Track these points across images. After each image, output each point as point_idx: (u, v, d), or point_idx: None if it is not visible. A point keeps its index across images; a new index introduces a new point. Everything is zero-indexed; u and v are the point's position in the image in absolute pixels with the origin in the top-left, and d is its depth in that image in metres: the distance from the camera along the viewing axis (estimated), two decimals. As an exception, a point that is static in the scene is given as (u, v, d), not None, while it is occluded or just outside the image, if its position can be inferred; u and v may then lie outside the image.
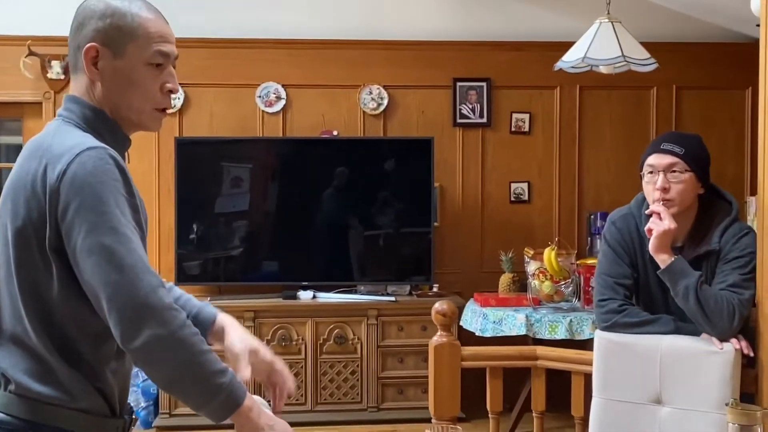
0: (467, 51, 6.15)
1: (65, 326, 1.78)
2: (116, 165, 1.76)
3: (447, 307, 3.11)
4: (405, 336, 5.67)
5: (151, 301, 1.69)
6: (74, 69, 1.90)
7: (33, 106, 5.92)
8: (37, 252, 1.75)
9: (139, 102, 1.89)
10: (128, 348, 1.69)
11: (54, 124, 1.89)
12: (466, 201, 6.20)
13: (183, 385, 1.73)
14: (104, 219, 1.70)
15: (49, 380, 1.77)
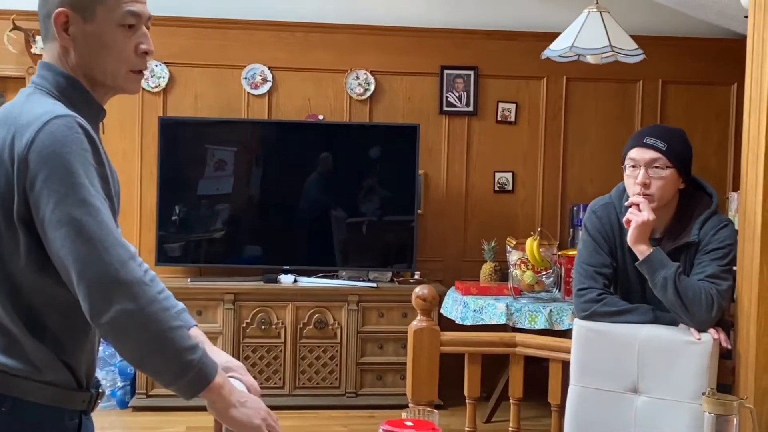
0: (456, 39, 6.13)
1: (32, 298, 1.75)
2: (85, 134, 1.73)
3: (428, 292, 3.10)
4: (385, 322, 5.66)
5: (121, 275, 1.66)
6: (45, 37, 1.87)
7: (16, 81, 5.85)
8: (4, 222, 1.72)
9: (114, 65, 1.85)
10: (97, 323, 1.67)
11: (26, 91, 1.86)
12: (451, 189, 6.19)
13: (152, 361, 1.71)
14: (73, 190, 1.67)
15: (15, 353, 1.75)
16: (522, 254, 5.11)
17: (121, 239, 1.72)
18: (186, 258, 5.84)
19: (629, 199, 2.82)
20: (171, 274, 5.77)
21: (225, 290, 5.55)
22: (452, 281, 5.70)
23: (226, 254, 5.90)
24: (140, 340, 1.68)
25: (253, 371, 5.46)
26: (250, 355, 5.54)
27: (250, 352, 5.54)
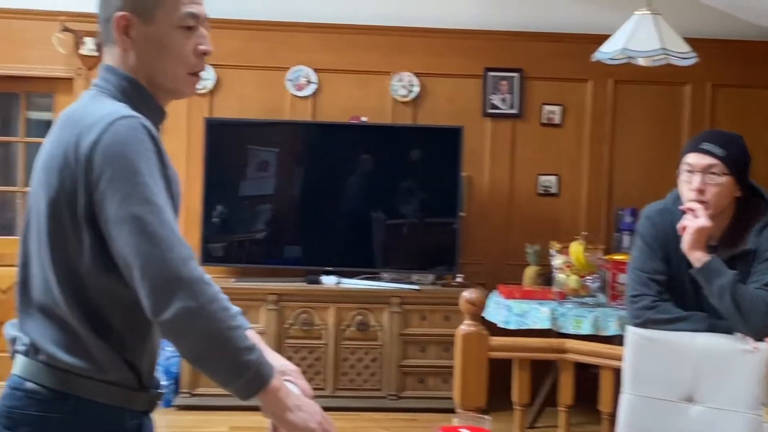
0: (500, 41, 6.10)
1: (96, 297, 1.76)
2: (149, 134, 1.74)
3: (476, 296, 3.08)
4: (427, 325, 5.64)
5: (183, 273, 1.67)
6: (106, 40, 1.88)
7: (65, 81, 5.92)
8: (70, 222, 1.74)
9: (173, 66, 1.87)
10: (158, 320, 1.67)
11: (89, 93, 1.87)
12: (494, 192, 6.16)
13: (210, 360, 1.71)
14: (137, 189, 1.68)
15: (79, 351, 1.76)
16: (567, 258, 5.07)
17: (182, 238, 1.72)
18: (229, 258, 5.87)
19: (685, 205, 2.78)
20: (214, 274, 5.75)
21: (268, 291, 5.56)
22: (494, 284, 5.67)
23: (269, 255, 5.92)
24: (199, 338, 1.68)
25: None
26: (293, 356, 5.54)
27: (292, 352, 5.55)
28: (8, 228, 6.33)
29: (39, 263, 1.80)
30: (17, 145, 6.23)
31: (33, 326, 1.80)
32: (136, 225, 1.67)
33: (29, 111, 6.22)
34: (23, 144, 6.17)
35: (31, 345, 1.79)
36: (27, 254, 1.84)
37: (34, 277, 1.82)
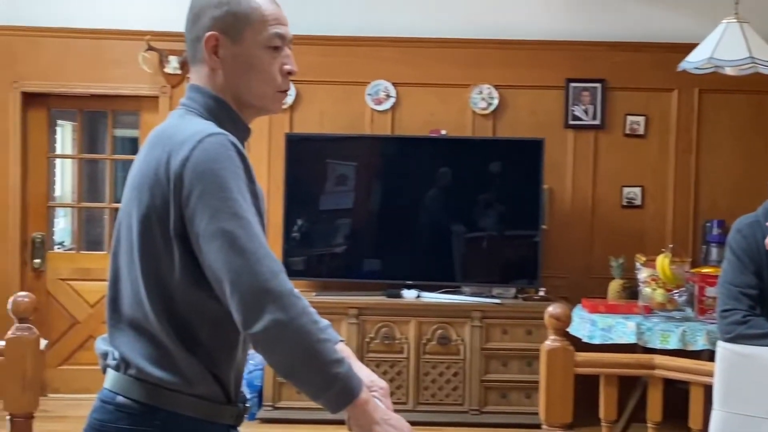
0: (581, 51, 6.03)
1: (185, 312, 1.79)
2: (237, 151, 1.77)
3: (561, 311, 3.03)
4: (509, 339, 5.58)
5: (272, 285, 1.68)
6: (193, 60, 1.92)
7: (150, 99, 6.06)
8: (161, 238, 1.77)
9: (261, 86, 1.90)
10: (248, 332, 1.69)
11: (177, 113, 1.91)
12: (576, 204, 6.08)
13: (300, 372, 1.72)
14: (227, 204, 1.71)
15: (168, 365, 1.78)
16: (652, 271, 4.97)
17: (272, 253, 1.74)
18: (309, 272, 5.91)
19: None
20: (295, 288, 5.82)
21: (349, 305, 5.58)
22: (578, 298, 5.59)
23: (349, 268, 5.94)
24: (289, 350, 1.69)
25: (377, 386, 5.47)
26: (374, 370, 5.50)
27: (373, 366, 5.54)
28: (97, 243, 6.49)
29: (129, 279, 1.83)
30: (104, 162, 6.39)
31: (123, 341, 1.83)
32: (226, 239, 1.69)
33: (116, 129, 6.37)
34: (110, 161, 6.32)
35: (121, 359, 1.82)
36: (117, 270, 1.88)
37: (124, 293, 1.85)
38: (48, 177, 6.25)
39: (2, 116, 5.99)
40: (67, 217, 6.72)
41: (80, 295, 6.17)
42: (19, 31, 5.94)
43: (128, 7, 5.98)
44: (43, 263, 6.17)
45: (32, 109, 6.13)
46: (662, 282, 4.93)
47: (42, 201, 6.20)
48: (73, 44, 5.98)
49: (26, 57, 5.98)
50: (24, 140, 6.08)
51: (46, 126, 6.21)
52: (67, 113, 6.41)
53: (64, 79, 6.00)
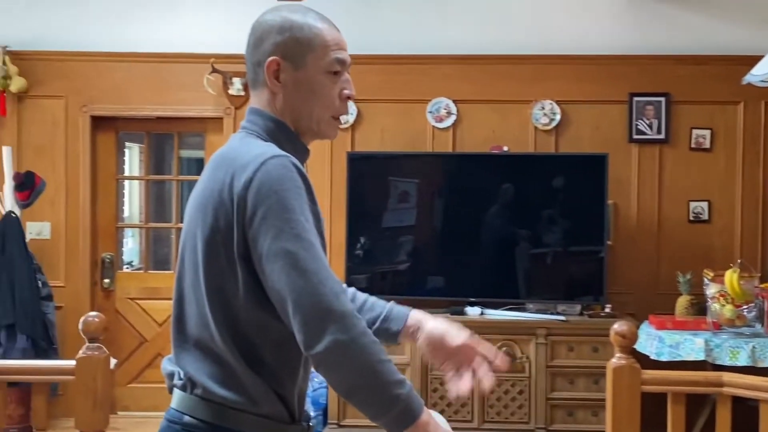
0: (644, 65, 5.97)
1: (249, 332, 1.81)
2: (299, 173, 1.79)
3: (627, 329, 3.00)
4: (575, 356, 5.52)
5: (334, 306, 1.69)
6: (254, 83, 1.95)
7: (215, 121, 6.16)
8: (225, 259, 1.79)
9: (320, 110, 1.92)
10: (310, 353, 1.70)
11: (238, 135, 1.94)
12: (641, 220, 6.00)
13: (361, 392, 1.72)
14: (289, 226, 1.72)
15: (233, 385, 1.81)
16: (721, 287, 4.88)
17: (333, 273, 1.75)
18: (372, 289, 5.84)
19: None
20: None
21: (412, 322, 5.55)
22: (645, 315, 5.52)
23: (412, 286, 5.94)
24: (350, 371, 1.70)
25: (442, 404, 5.46)
26: (438, 388, 5.53)
27: (438, 384, 5.53)
28: (164, 263, 6.60)
29: (194, 299, 1.86)
30: (171, 183, 6.50)
31: (189, 360, 1.86)
32: (289, 260, 1.71)
33: (181, 150, 6.49)
34: (176, 182, 6.44)
35: (187, 379, 1.85)
36: (182, 290, 1.91)
37: (189, 313, 1.88)
38: (117, 198, 6.38)
39: (73, 139, 6.14)
40: (135, 238, 6.85)
41: (148, 314, 6.28)
42: (88, 56, 6.09)
43: (193, 30, 6.09)
44: (112, 283, 6.29)
45: (101, 132, 6.27)
46: (731, 298, 4.84)
47: (111, 222, 6.34)
48: (140, 68, 6.11)
49: (95, 82, 6.13)
50: (93, 163, 6.23)
51: (115, 148, 6.35)
52: (134, 135, 6.55)
53: (131, 103, 6.14)
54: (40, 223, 6.08)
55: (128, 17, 6.11)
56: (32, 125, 6.14)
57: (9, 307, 5.47)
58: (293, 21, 1.90)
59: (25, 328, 5.50)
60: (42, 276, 5.78)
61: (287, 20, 1.90)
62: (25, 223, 5.84)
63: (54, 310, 5.76)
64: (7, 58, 5.97)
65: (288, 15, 1.91)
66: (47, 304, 5.70)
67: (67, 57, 6.10)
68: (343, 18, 2.56)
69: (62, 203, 6.14)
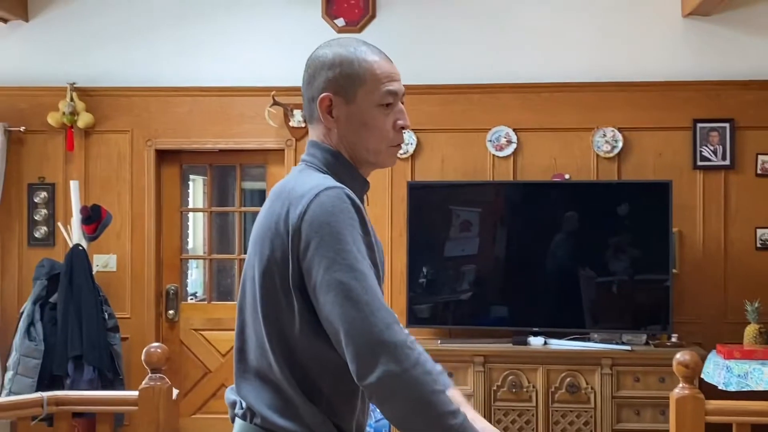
0: (708, 90, 5.89)
1: (307, 362, 1.82)
2: (353, 204, 1.80)
3: (690, 358, 2.94)
4: (642, 387, 5.42)
5: (386, 337, 1.70)
6: (311, 118, 1.99)
7: (276, 153, 6.23)
8: (281, 290, 1.81)
9: (375, 142, 1.94)
10: (363, 383, 1.70)
11: (298, 168, 1.97)
12: (708, 247, 5.89)
13: (414, 423, 1.71)
14: (342, 256, 1.74)
15: (291, 415, 1.82)
16: (791, 315, 4.77)
17: (386, 304, 1.76)
18: (435, 319, 5.90)
19: None
20: (420, 336, 5.85)
21: (475, 352, 5.54)
22: (712, 344, 5.41)
23: (474, 315, 5.90)
24: (404, 402, 1.69)
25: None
26: (502, 419, 5.47)
27: (501, 415, 5.48)
28: (227, 294, 6.67)
29: (254, 329, 1.89)
30: (234, 214, 6.58)
31: (249, 390, 1.88)
32: (341, 290, 1.71)
33: (244, 182, 6.57)
34: (239, 213, 6.51)
35: (247, 408, 1.87)
36: (243, 321, 1.94)
37: (250, 343, 1.90)
38: (181, 230, 6.48)
39: (138, 173, 6.26)
40: (199, 269, 6.93)
41: (212, 345, 6.34)
42: (152, 91, 6.23)
43: (254, 64, 6.18)
44: (176, 314, 6.37)
45: (166, 166, 6.39)
46: (802, 326, 4.72)
47: (176, 253, 6.43)
48: (203, 102, 6.23)
49: (159, 116, 6.26)
50: (158, 195, 6.34)
51: (179, 181, 6.45)
52: (198, 168, 6.66)
53: (194, 136, 6.25)
54: (107, 256, 6.21)
55: (190, 52, 6.24)
56: (99, 159, 6.28)
57: (76, 339, 5.57)
58: (343, 56, 1.93)
59: (92, 360, 5.59)
60: (108, 308, 5.87)
61: (338, 55, 1.93)
62: (92, 256, 5.95)
63: (120, 341, 5.85)
64: (74, 94, 6.13)
65: (339, 50, 1.94)
66: (114, 336, 5.79)
67: (132, 92, 6.24)
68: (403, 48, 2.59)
69: (128, 236, 6.25)
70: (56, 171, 6.27)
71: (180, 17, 6.25)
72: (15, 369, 5.53)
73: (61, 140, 6.24)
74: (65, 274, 5.66)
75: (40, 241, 6.26)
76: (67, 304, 5.63)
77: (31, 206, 6.27)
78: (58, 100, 6.14)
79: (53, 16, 6.32)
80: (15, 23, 6.31)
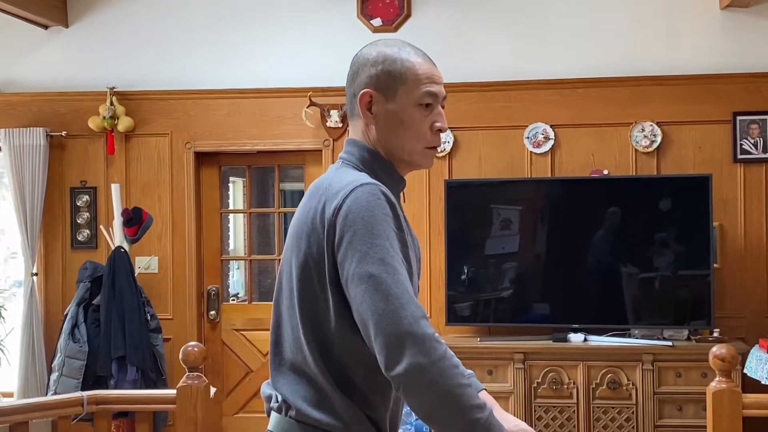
0: (747, 83, 5.82)
1: (341, 356, 1.85)
2: (387, 200, 1.82)
3: (726, 352, 2.92)
4: (683, 383, 5.37)
5: (414, 330, 1.71)
6: (351, 115, 2.01)
7: (314, 153, 6.27)
8: (317, 284, 1.84)
9: (411, 142, 1.96)
10: (390, 375, 1.72)
11: (335, 165, 2.00)
12: (749, 241, 5.82)
13: (440, 416, 1.73)
14: (374, 250, 1.76)
15: (326, 407, 1.85)
16: (835, 309, 4.70)
17: (416, 300, 1.77)
18: (475, 317, 5.89)
19: None
20: (460, 334, 5.85)
21: (514, 349, 5.52)
22: (755, 339, 5.34)
23: (515, 313, 5.88)
24: (430, 394, 1.70)
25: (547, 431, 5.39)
26: (543, 416, 5.46)
27: (542, 412, 5.46)
28: (267, 294, 6.71)
29: (290, 324, 1.91)
30: (273, 215, 6.63)
31: (284, 383, 1.91)
32: (372, 283, 1.74)
33: (282, 183, 6.61)
34: (278, 214, 6.56)
35: (283, 401, 1.90)
36: (279, 316, 1.97)
37: (285, 337, 1.94)
38: (221, 231, 6.54)
39: (179, 175, 6.33)
40: (240, 270, 7.00)
41: (253, 345, 6.39)
42: (190, 94, 6.30)
43: (290, 65, 6.23)
44: (218, 315, 6.44)
45: (205, 168, 6.46)
46: None
47: (216, 254, 6.49)
48: (240, 104, 6.28)
49: (198, 119, 6.32)
50: (198, 197, 6.41)
51: (218, 183, 6.52)
52: (237, 170, 6.72)
53: (233, 138, 6.30)
54: (148, 258, 6.29)
55: (227, 55, 6.30)
56: (139, 163, 6.37)
57: (120, 340, 5.65)
58: (387, 54, 1.96)
59: (135, 360, 5.66)
60: (151, 309, 5.95)
61: (381, 53, 1.96)
62: (133, 258, 6.04)
63: (162, 341, 5.92)
64: (114, 98, 6.22)
65: (383, 49, 1.97)
66: (156, 336, 5.86)
67: (171, 96, 6.32)
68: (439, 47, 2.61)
69: (169, 238, 6.33)
70: (98, 175, 6.37)
71: (216, 20, 6.31)
72: (60, 370, 5.62)
73: (101, 144, 6.33)
74: (108, 276, 5.74)
75: (82, 243, 6.36)
76: (110, 306, 5.71)
77: (74, 210, 6.37)
78: (98, 104, 6.24)
79: (92, 22, 6.42)
80: (55, 29, 6.42)
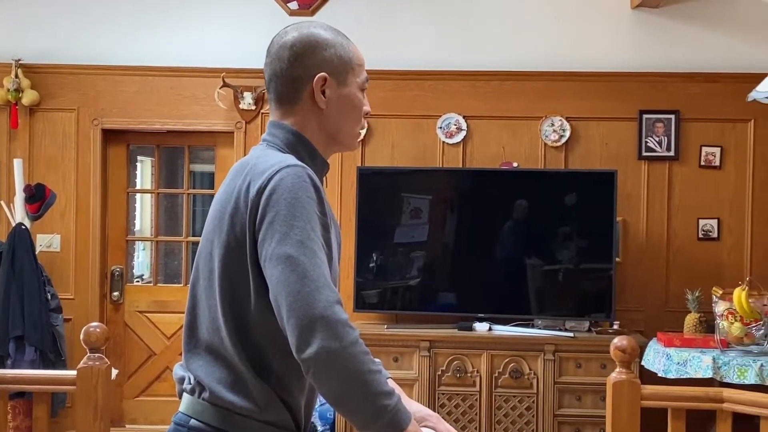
0: (655, 82, 5.97)
1: (259, 339, 1.83)
2: (312, 183, 1.82)
3: (627, 343, 3.00)
4: (583, 373, 5.50)
5: (327, 313, 1.70)
6: (286, 98, 1.97)
7: (225, 135, 6.19)
8: (238, 265, 1.82)
9: (353, 125, 2.01)
10: (300, 357, 1.71)
11: (259, 147, 1.99)
12: (651, 237, 5.98)
13: (348, 401, 1.73)
14: (294, 232, 1.75)
15: (241, 390, 1.83)
16: (729, 305, 4.87)
17: (332, 285, 1.77)
18: (383, 305, 5.92)
19: None
20: (368, 321, 5.87)
21: (420, 337, 5.57)
22: (653, 332, 5.50)
23: (422, 301, 5.93)
24: (339, 378, 1.70)
25: (449, 419, 5.44)
26: (446, 403, 5.52)
27: (445, 400, 5.53)
28: (174, 276, 6.62)
29: (208, 305, 1.89)
30: (182, 196, 6.53)
31: (199, 365, 1.89)
32: (289, 264, 1.73)
33: (192, 164, 6.52)
34: (187, 195, 6.46)
35: (196, 383, 1.88)
36: (195, 297, 1.94)
37: (202, 319, 1.91)
38: (128, 211, 6.41)
39: (84, 152, 6.18)
40: (146, 251, 6.88)
41: (157, 327, 6.30)
42: (99, 70, 6.14)
43: (204, 45, 6.13)
44: (121, 296, 6.32)
45: (112, 146, 6.32)
46: (739, 315, 4.82)
47: (121, 234, 6.37)
48: (151, 82, 6.16)
49: (106, 95, 6.18)
50: (104, 176, 6.27)
51: (126, 161, 6.38)
52: (146, 149, 6.59)
53: (142, 116, 6.18)
54: (50, 236, 6.12)
55: (140, 31, 6.17)
56: (44, 138, 6.19)
57: (18, 319, 5.50)
58: (335, 39, 1.97)
59: (33, 340, 5.52)
60: (51, 288, 5.81)
61: (328, 38, 1.96)
62: (35, 235, 5.88)
63: (63, 322, 5.79)
64: (19, 71, 6.03)
65: (322, 32, 1.97)
66: (56, 316, 5.73)
67: (79, 70, 6.15)
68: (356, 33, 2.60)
69: (72, 216, 6.18)
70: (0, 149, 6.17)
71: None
72: (-46, 349, 5.45)
73: (5, 118, 6.14)
74: (7, 254, 5.59)
75: (-18, 219, 6.16)
76: (9, 284, 5.55)
77: (-27, 184, 6.17)
78: (2, 76, 6.04)
79: (-1, -9, 6.22)
80: (-41, -3, 6.20)
